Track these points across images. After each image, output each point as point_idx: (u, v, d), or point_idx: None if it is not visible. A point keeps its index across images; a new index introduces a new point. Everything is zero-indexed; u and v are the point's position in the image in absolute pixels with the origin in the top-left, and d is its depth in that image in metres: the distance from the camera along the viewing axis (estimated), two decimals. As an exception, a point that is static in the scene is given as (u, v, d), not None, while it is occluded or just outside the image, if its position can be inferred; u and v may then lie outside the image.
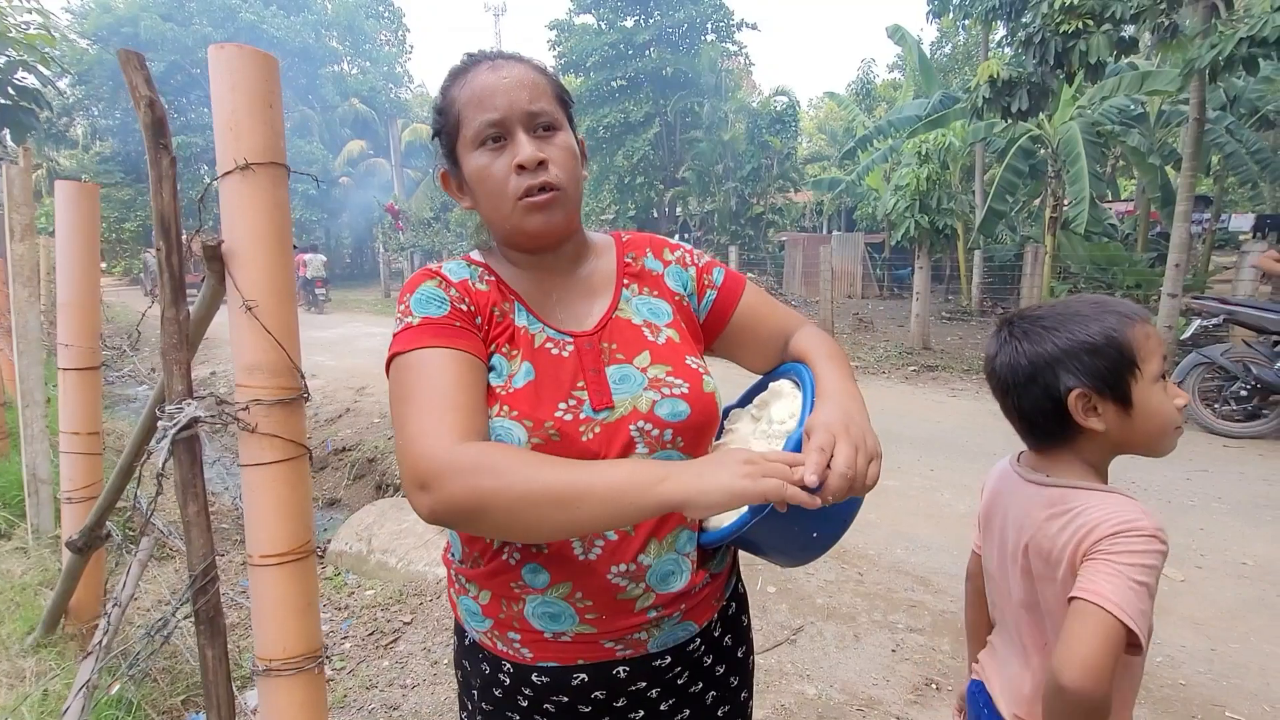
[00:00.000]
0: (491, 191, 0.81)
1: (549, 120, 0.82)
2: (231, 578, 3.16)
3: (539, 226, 0.82)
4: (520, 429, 0.76)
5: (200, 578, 1.14)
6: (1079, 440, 0.90)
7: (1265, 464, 4.31)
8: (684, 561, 0.83)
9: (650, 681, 0.85)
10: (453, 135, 0.84)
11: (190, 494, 1.15)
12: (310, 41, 25.56)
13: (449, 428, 0.71)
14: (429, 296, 0.81)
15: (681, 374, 0.83)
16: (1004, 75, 6.75)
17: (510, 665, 0.85)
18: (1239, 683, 2.21)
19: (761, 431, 0.88)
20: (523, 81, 0.81)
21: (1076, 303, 0.90)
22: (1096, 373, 0.85)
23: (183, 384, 1.13)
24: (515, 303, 0.86)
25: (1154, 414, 0.86)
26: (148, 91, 1.08)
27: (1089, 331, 0.85)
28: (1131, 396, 0.85)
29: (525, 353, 0.82)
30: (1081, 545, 0.83)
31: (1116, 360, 0.84)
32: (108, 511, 1.79)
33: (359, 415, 6.25)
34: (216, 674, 1.18)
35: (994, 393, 0.97)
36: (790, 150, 17.79)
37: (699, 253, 0.99)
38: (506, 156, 0.80)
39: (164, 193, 1.09)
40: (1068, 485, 0.90)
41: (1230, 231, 9.84)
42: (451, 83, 0.84)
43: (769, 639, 2.53)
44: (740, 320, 0.95)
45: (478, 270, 0.87)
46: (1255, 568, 2.97)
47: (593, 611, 0.80)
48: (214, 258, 1.12)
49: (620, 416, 0.79)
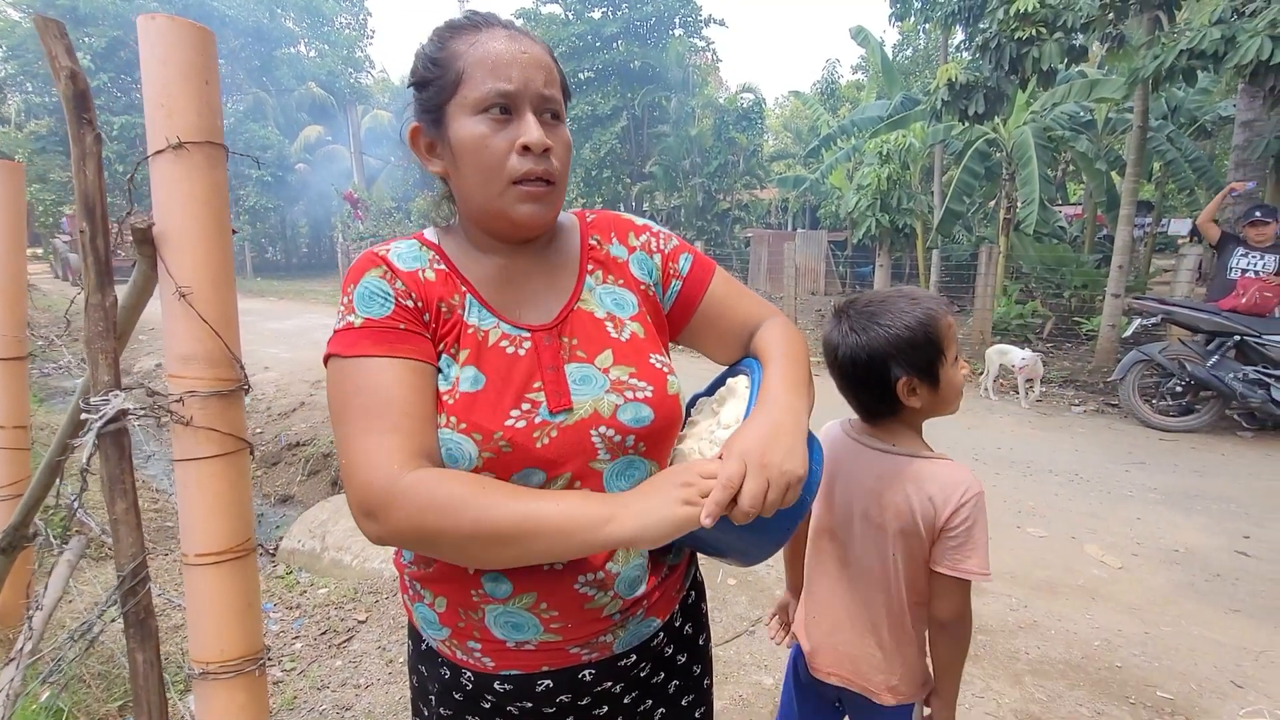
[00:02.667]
0: (484, 165, 0.74)
1: (557, 109, 0.77)
2: (175, 578, 3.03)
3: (527, 216, 0.76)
4: (469, 442, 0.72)
5: (129, 578, 1.08)
6: (902, 413, 1.11)
7: (1198, 456, 4.54)
8: (645, 564, 0.83)
9: (615, 680, 0.84)
10: (446, 91, 0.75)
11: (119, 490, 1.08)
12: (264, 21, 24.57)
13: (392, 453, 0.68)
14: (372, 291, 0.75)
15: (645, 375, 0.79)
16: (962, 79, 6.91)
17: (471, 674, 0.82)
18: (1170, 664, 2.33)
19: (716, 430, 0.86)
20: (540, 62, 0.76)
21: (896, 296, 1.09)
22: (917, 364, 1.05)
23: (109, 374, 1.06)
24: (467, 295, 0.79)
25: (952, 387, 1.09)
26: (68, 62, 1.01)
27: (910, 326, 1.04)
28: (940, 378, 1.07)
29: (473, 354, 0.76)
30: (930, 513, 1.04)
31: (930, 351, 1.04)
32: (34, 509, 1.69)
33: (314, 409, 6.06)
34: (148, 679, 1.13)
35: (834, 376, 1.14)
36: (756, 147, 17.91)
37: (666, 235, 0.92)
38: (509, 132, 0.74)
39: (87, 170, 1.02)
40: (909, 454, 1.10)
41: (1170, 235, 10.32)
42: (454, 36, 0.76)
43: (728, 630, 2.55)
44: (706, 311, 0.90)
45: (428, 255, 0.80)
46: (1186, 554, 3.13)
47: (559, 621, 0.77)
48: (145, 240, 1.06)
49: (580, 419, 0.75)
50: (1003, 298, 9.13)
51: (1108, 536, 3.31)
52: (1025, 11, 6.01)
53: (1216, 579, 2.90)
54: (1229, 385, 4.77)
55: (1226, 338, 4.90)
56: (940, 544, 1.05)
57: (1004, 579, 2.87)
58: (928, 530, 1.05)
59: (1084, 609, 2.67)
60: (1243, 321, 4.87)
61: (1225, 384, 4.79)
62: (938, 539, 1.05)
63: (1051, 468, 4.31)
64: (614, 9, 17.71)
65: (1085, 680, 2.24)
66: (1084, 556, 3.11)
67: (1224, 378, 4.80)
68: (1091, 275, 9.07)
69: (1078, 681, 2.24)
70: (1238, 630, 2.52)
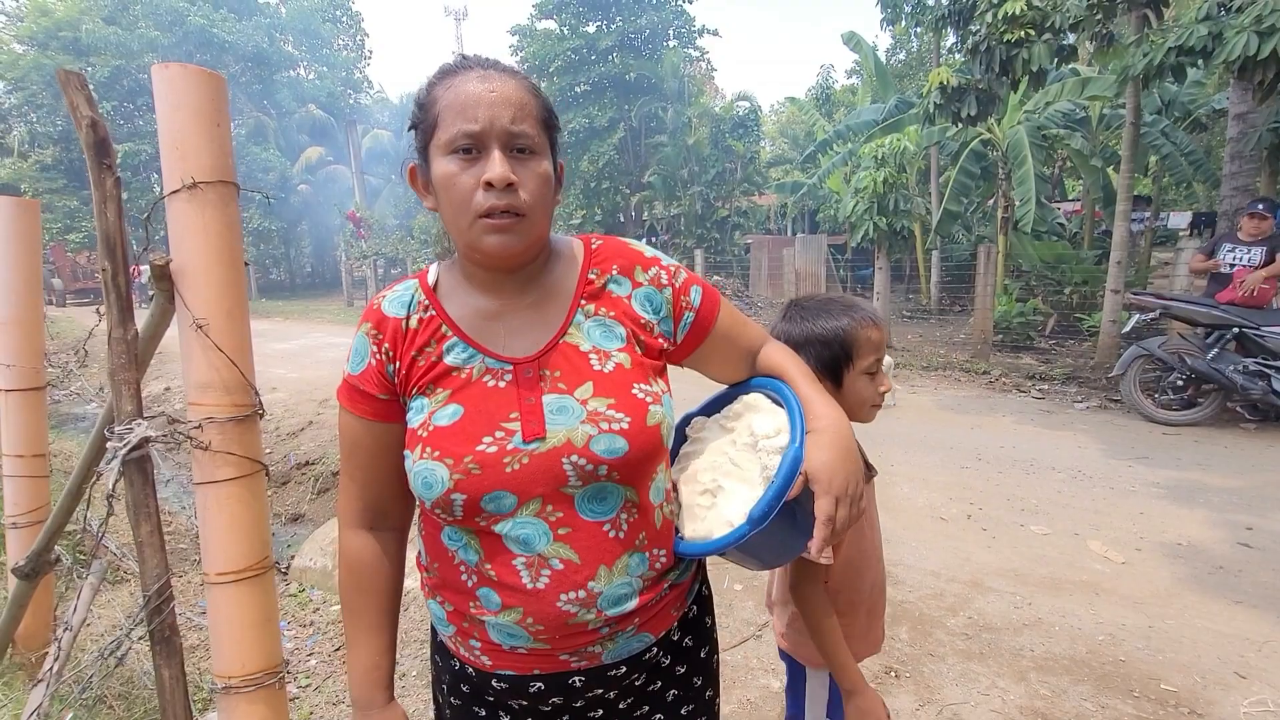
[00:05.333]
0: (454, 201, 0.79)
1: (528, 144, 0.80)
2: (190, 598, 3.08)
3: (495, 248, 0.80)
4: (442, 467, 0.78)
5: (155, 598, 1.13)
6: None
7: (1200, 450, 4.55)
8: (636, 583, 0.84)
9: (606, 687, 0.87)
10: (428, 134, 0.81)
11: (143, 514, 1.14)
12: (264, 46, 24.92)
13: (349, 501, 0.91)
14: (357, 349, 0.87)
15: (624, 406, 0.81)
16: (953, 82, 6.98)
17: (473, 670, 0.87)
18: (1174, 656, 2.35)
19: (743, 443, 0.90)
20: (509, 99, 0.78)
21: (834, 300, 1.19)
22: (822, 360, 1.14)
23: (132, 404, 1.12)
24: (451, 338, 0.84)
25: (852, 395, 1.16)
26: (89, 111, 1.08)
27: (827, 327, 1.14)
28: (842, 381, 1.15)
29: (455, 392, 0.82)
30: None
31: (837, 353, 1.14)
32: (56, 535, 1.74)
33: (322, 428, 6.13)
34: (174, 694, 1.17)
35: None
36: (753, 154, 18.02)
37: (675, 268, 0.93)
38: (476, 170, 0.78)
39: (108, 213, 1.09)
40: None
41: (1170, 229, 10.34)
42: (438, 81, 0.82)
43: (735, 635, 2.58)
44: (716, 338, 0.95)
45: (420, 300, 0.86)
46: (1189, 548, 3.15)
47: (545, 633, 0.81)
48: (163, 276, 1.12)
49: (552, 448, 0.78)
50: (1003, 296, 9.15)
51: (1111, 532, 3.33)
52: (1013, 14, 6.08)
53: (1219, 571, 2.92)
54: (1229, 378, 4.79)
55: (1225, 330, 4.92)
56: None
57: (1007, 576, 2.89)
58: None
59: (1087, 604, 2.69)
60: (1241, 314, 4.89)
61: (1226, 377, 4.80)
62: None
63: (1054, 464, 4.33)
64: (609, 22, 17.92)
65: (1090, 675, 2.26)
66: (1087, 552, 3.13)
67: (1224, 370, 4.82)
68: (1091, 271, 9.10)
69: (1082, 677, 2.26)
70: (1241, 622, 2.54)
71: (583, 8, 17.84)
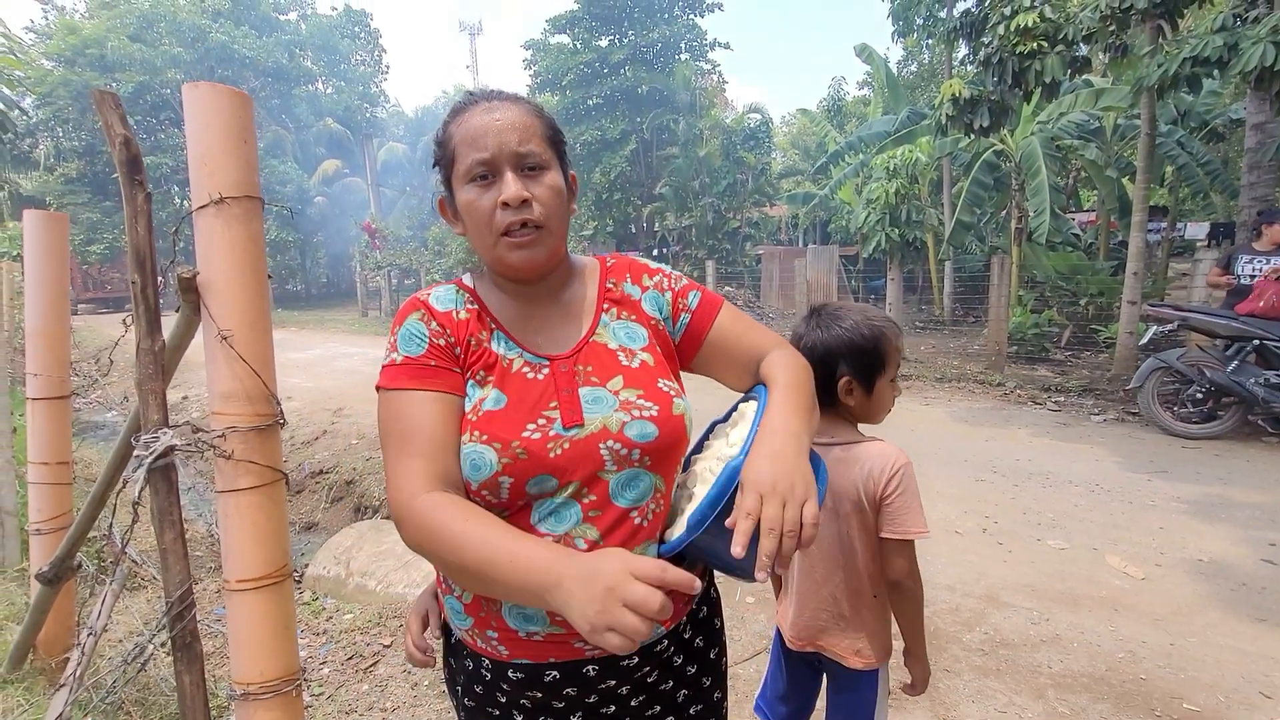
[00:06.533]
0: (477, 224, 0.88)
1: (536, 161, 0.88)
2: (206, 605, 3.11)
3: (519, 261, 0.88)
4: (491, 451, 0.82)
5: (177, 604, 1.15)
6: (839, 407, 1.27)
7: (1221, 463, 4.47)
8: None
9: (620, 680, 0.90)
10: (448, 168, 0.91)
11: (167, 522, 1.16)
12: (284, 61, 25.46)
13: (415, 476, 0.82)
14: (411, 333, 0.89)
15: (652, 397, 0.88)
16: (966, 93, 6.98)
17: (489, 662, 0.89)
18: (1196, 675, 2.30)
19: (724, 453, 0.92)
20: (514, 124, 0.87)
21: (861, 310, 1.25)
22: (860, 367, 1.20)
23: (159, 414, 1.15)
24: (495, 331, 0.92)
25: (881, 400, 1.24)
26: (123, 130, 1.11)
27: (864, 334, 1.20)
28: (874, 387, 1.22)
29: (499, 379, 0.88)
30: (871, 486, 1.20)
31: (874, 360, 1.20)
32: (79, 542, 1.78)
33: (336, 437, 6.18)
34: (194, 700, 1.19)
35: None
36: (765, 165, 18.09)
37: (678, 276, 1.03)
38: (494, 193, 0.86)
39: (139, 228, 1.12)
40: (845, 442, 1.26)
41: (1187, 239, 10.21)
42: (451, 120, 0.91)
43: (747, 648, 2.56)
44: (714, 341, 1.00)
45: (463, 298, 0.94)
46: (1210, 564, 3.09)
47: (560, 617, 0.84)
48: (189, 289, 1.15)
49: (590, 434, 0.84)
50: (1018, 308, 9.07)
51: (1130, 547, 3.28)
52: (1026, 26, 6.08)
53: (1242, 588, 2.86)
54: (1250, 390, 4.71)
55: (1246, 342, 4.85)
56: (882, 513, 1.20)
57: (1024, 592, 2.85)
58: (870, 502, 1.21)
59: (1107, 621, 2.65)
60: (1262, 325, 4.82)
61: (1246, 389, 4.73)
62: (880, 509, 1.21)
63: (1071, 478, 4.27)
64: (621, 36, 18.11)
65: (1109, 693, 2.22)
66: (1106, 567, 3.08)
67: (1245, 383, 4.74)
68: (1107, 283, 8.99)
69: (1102, 694, 2.22)
70: (1265, 640, 2.49)
71: (595, 22, 18.05)
